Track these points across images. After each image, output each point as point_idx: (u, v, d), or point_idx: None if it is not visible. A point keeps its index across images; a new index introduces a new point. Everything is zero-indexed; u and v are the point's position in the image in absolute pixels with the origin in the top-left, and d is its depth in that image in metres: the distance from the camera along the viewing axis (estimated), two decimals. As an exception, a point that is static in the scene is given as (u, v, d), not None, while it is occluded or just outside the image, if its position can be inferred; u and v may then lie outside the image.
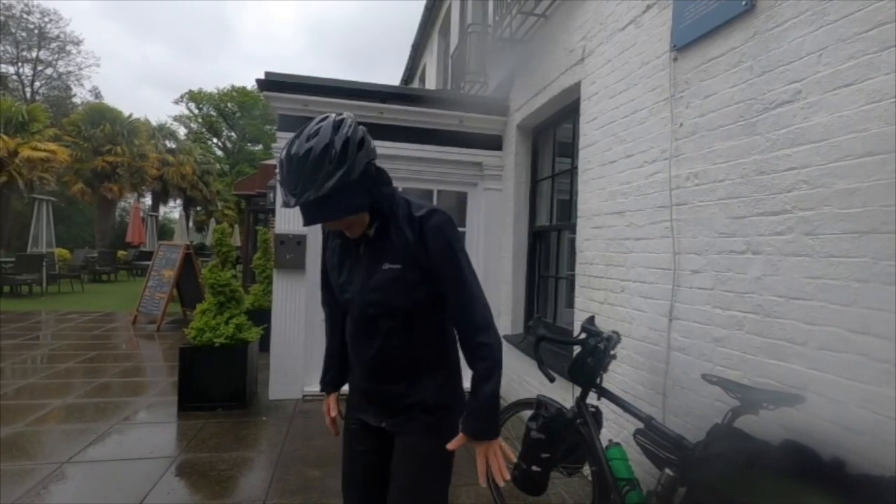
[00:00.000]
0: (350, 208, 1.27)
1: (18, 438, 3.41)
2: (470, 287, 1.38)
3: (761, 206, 1.92)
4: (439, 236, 1.35)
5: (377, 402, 1.47)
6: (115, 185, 19.12)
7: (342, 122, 1.26)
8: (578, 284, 3.33)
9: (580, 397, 2.17)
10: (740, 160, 2.03)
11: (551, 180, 4.37)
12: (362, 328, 1.43)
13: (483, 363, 1.35)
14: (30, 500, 2.62)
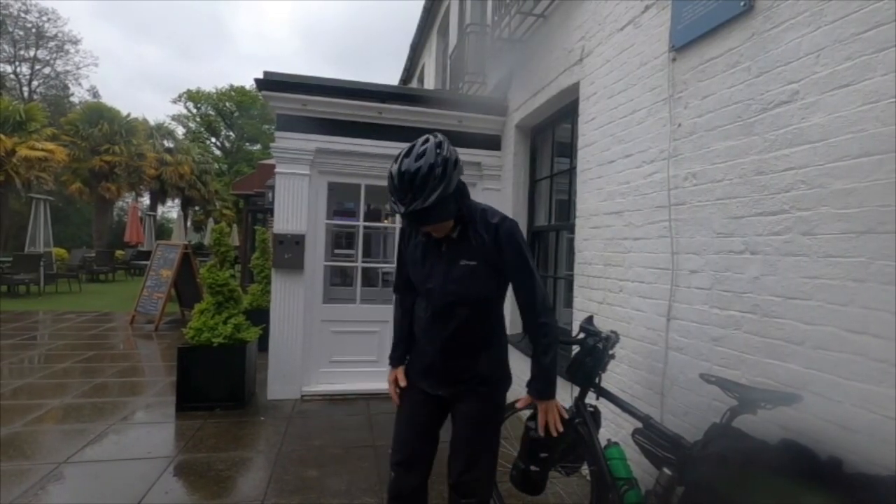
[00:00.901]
0: (444, 215, 1.58)
1: (16, 439, 3.40)
2: (535, 279, 1.71)
3: (759, 207, 1.92)
4: (511, 239, 1.67)
5: (441, 375, 1.79)
6: (113, 184, 19.06)
7: (441, 143, 1.55)
8: (577, 284, 3.33)
9: (579, 397, 2.17)
10: (738, 160, 2.03)
11: (550, 180, 4.37)
12: (440, 314, 1.74)
13: (545, 339, 1.70)
14: (28, 500, 2.61)
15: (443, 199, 1.51)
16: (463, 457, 1.76)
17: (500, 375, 1.81)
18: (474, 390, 1.76)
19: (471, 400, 1.77)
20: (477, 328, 1.75)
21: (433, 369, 1.80)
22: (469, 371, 1.76)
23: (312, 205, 4.53)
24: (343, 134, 4.54)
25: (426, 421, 1.85)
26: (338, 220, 5.87)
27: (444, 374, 1.79)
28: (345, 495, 2.78)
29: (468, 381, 1.77)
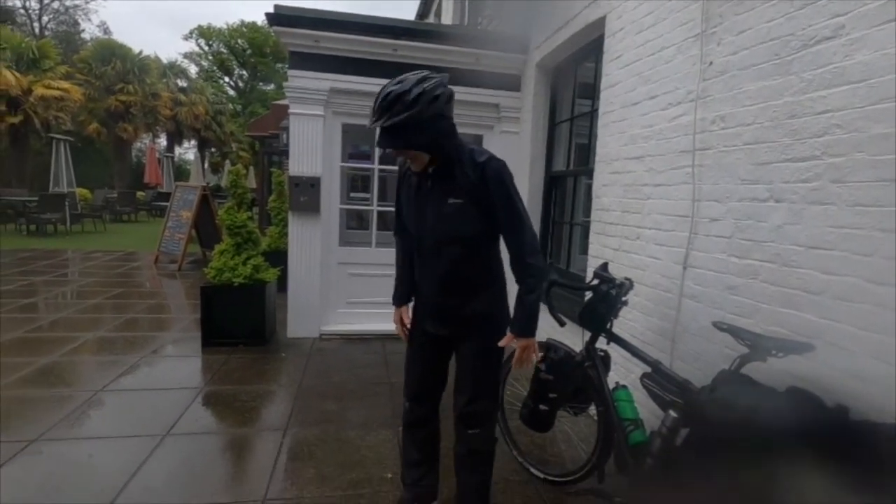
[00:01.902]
0: (408, 143, 1.63)
1: (55, 367, 3.63)
2: (523, 219, 1.73)
3: (789, 152, 1.84)
4: (497, 178, 1.68)
5: (440, 315, 1.86)
6: (130, 125, 19.07)
7: (427, 77, 1.61)
8: (593, 231, 3.30)
9: (589, 342, 2.21)
10: (771, 102, 1.92)
11: (570, 123, 4.22)
12: (432, 253, 1.80)
13: (530, 279, 1.73)
14: (71, 421, 2.82)
15: (409, 125, 1.57)
16: (467, 390, 1.86)
17: (499, 313, 1.85)
18: (476, 328, 1.83)
19: (473, 337, 1.84)
20: (470, 267, 1.79)
21: (433, 309, 1.88)
22: (467, 309, 1.81)
23: (327, 147, 4.48)
24: (357, 72, 4.40)
25: (432, 360, 1.96)
26: (353, 163, 5.81)
27: (444, 314, 1.86)
28: (362, 427, 2.94)
29: (468, 320, 1.82)
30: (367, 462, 2.55)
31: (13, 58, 14.47)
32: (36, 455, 2.48)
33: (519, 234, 1.72)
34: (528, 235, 1.72)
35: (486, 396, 1.88)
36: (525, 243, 1.72)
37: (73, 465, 2.42)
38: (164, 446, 2.62)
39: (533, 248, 1.73)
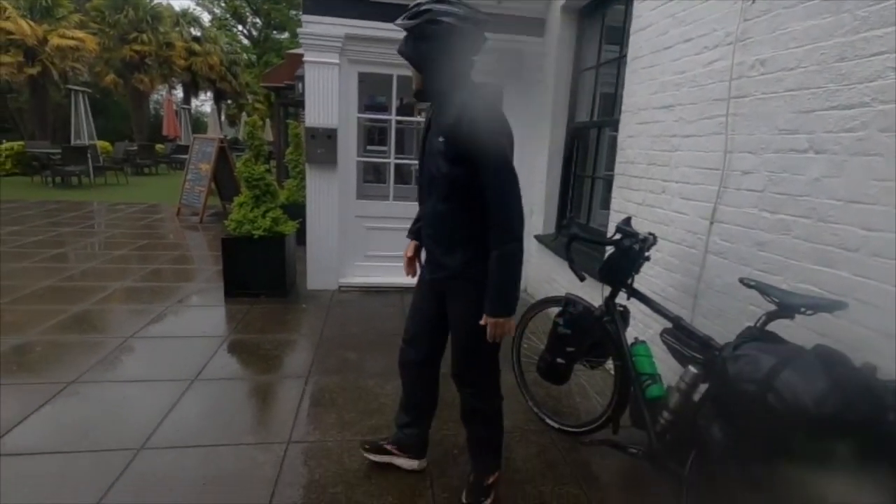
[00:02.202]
0: (402, 49, 1.70)
1: (88, 315, 3.78)
2: (500, 182, 1.58)
3: (835, 99, 1.71)
4: (472, 126, 1.56)
5: (429, 258, 1.86)
6: (146, 76, 18.91)
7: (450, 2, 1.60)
8: (616, 185, 3.20)
9: (609, 297, 2.18)
10: (819, 44, 1.77)
11: (595, 71, 4.01)
12: (423, 189, 1.82)
13: (499, 251, 1.60)
14: (105, 365, 2.96)
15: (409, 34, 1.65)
16: (457, 353, 1.86)
17: (475, 278, 1.68)
18: (458, 290, 1.76)
19: (456, 299, 1.79)
20: (450, 215, 1.70)
21: (426, 250, 1.90)
22: (446, 261, 1.74)
23: (343, 97, 4.37)
24: (373, 17, 4.21)
25: (429, 306, 1.92)
26: (370, 115, 5.69)
27: (430, 259, 1.85)
28: (380, 376, 3.01)
29: (448, 276, 1.76)
30: (385, 409, 2.63)
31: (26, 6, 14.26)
32: (73, 396, 2.62)
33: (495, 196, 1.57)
34: (504, 203, 1.58)
35: (478, 359, 1.82)
36: (501, 213, 1.58)
37: (108, 405, 2.55)
38: (193, 390, 2.74)
39: (506, 217, 1.58)
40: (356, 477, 2.09)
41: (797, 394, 1.26)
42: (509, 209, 1.59)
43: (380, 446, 2.16)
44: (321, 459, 2.20)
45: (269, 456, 2.20)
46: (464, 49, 1.65)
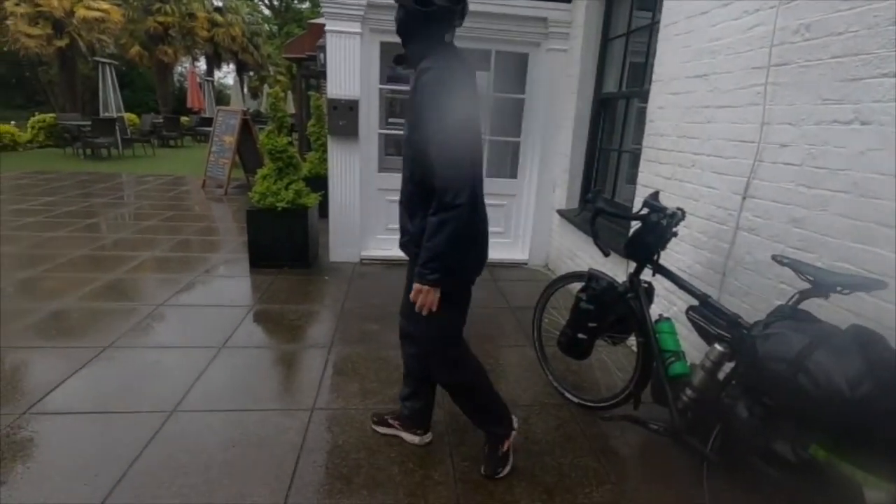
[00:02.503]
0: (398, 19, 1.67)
1: (119, 284, 3.91)
2: (442, 144, 1.51)
3: (886, 65, 1.60)
4: (423, 87, 1.54)
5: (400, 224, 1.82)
6: (170, 47, 18.98)
7: None
8: (644, 158, 3.11)
9: (634, 273, 2.15)
10: (872, 4, 1.66)
11: (625, 39, 3.85)
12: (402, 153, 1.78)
13: (435, 217, 1.54)
14: (138, 332, 3.07)
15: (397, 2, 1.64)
16: (406, 311, 1.91)
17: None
18: (413, 255, 1.73)
19: (413, 266, 1.74)
20: (412, 181, 1.67)
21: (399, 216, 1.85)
22: (408, 225, 1.74)
23: (365, 68, 4.31)
24: (395, -16, 4.10)
25: (410, 276, 1.83)
26: (392, 86, 5.60)
27: (400, 223, 1.82)
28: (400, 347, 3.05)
29: (408, 237, 1.75)
30: (407, 380, 2.67)
31: (52, -23, 14.34)
32: (109, 360, 2.74)
33: (436, 160, 1.51)
34: (446, 166, 1.50)
35: (424, 321, 1.70)
36: (440, 174, 1.50)
37: (142, 369, 2.66)
38: (221, 357, 2.83)
39: (446, 181, 1.49)
40: (378, 444, 2.15)
41: (830, 375, 1.22)
42: (448, 176, 1.50)
43: (384, 420, 2.22)
44: (344, 426, 2.26)
45: (294, 422, 2.27)
46: (436, 19, 1.60)
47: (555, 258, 4.75)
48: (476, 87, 1.70)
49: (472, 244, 1.68)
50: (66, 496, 1.77)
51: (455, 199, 1.49)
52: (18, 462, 1.93)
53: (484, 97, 1.55)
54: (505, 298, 4.06)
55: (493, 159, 5.36)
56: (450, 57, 1.61)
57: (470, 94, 1.61)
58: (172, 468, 1.93)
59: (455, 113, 1.51)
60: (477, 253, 1.76)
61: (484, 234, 1.78)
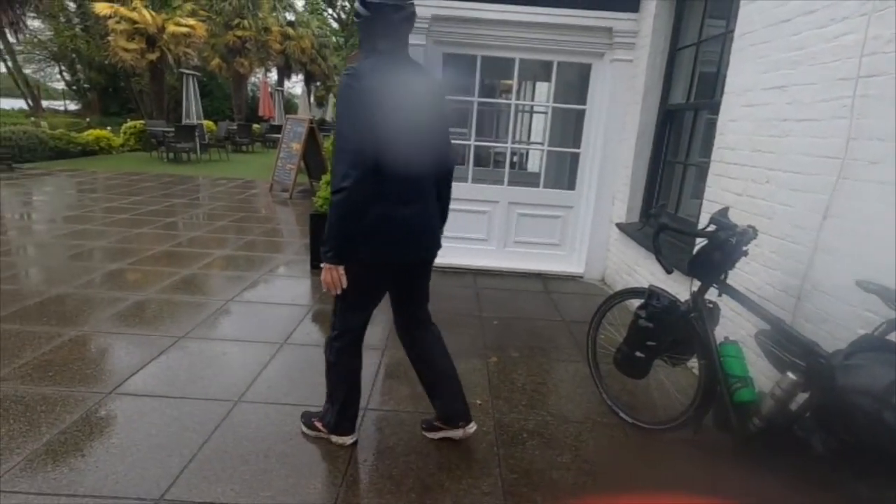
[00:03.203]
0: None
1: (194, 279, 4.21)
2: (338, 140, 1.70)
3: None
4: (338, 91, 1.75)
5: None
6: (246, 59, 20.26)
7: None
8: (712, 172, 2.98)
9: (698, 292, 2.06)
10: (982, 12, 1.51)
11: (695, 49, 3.72)
12: None
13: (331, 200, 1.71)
14: (208, 324, 3.29)
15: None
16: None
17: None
18: None
19: None
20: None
21: None
22: None
23: (427, 79, 4.41)
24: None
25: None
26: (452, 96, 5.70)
27: None
28: (453, 354, 3.02)
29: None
30: (457, 387, 2.69)
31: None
32: (182, 349, 2.95)
33: (333, 150, 1.74)
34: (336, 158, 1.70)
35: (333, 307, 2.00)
36: (334, 164, 1.73)
37: (211, 359, 2.85)
38: (282, 352, 2.97)
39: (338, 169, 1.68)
40: (428, 448, 2.18)
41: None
42: (335, 165, 1.71)
43: (431, 424, 2.25)
44: (395, 428, 2.31)
45: (348, 420, 2.34)
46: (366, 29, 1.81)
47: (612, 273, 4.62)
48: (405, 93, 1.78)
49: (371, 231, 1.80)
50: (141, 472, 1.92)
51: (338, 184, 1.67)
52: (104, 437, 2.12)
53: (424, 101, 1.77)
54: (558, 311, 4.00)
55: (551, 170, 5.31)
56: (377, 64, 1.74)
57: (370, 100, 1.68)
58: (235, 455, 2.05)
59: (348, 114, 1.68)
60: (379, 243, 1.83)
61: (393, 227, 1.84)
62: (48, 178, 9.32)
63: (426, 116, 1.87)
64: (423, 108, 1.86)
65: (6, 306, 3.40)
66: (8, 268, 4.24)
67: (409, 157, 1.79)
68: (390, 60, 1.78)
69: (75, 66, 24.62)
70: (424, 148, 1.87)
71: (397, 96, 1.74)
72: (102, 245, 5.04)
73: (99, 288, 3.85)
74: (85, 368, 2.67)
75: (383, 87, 1.71)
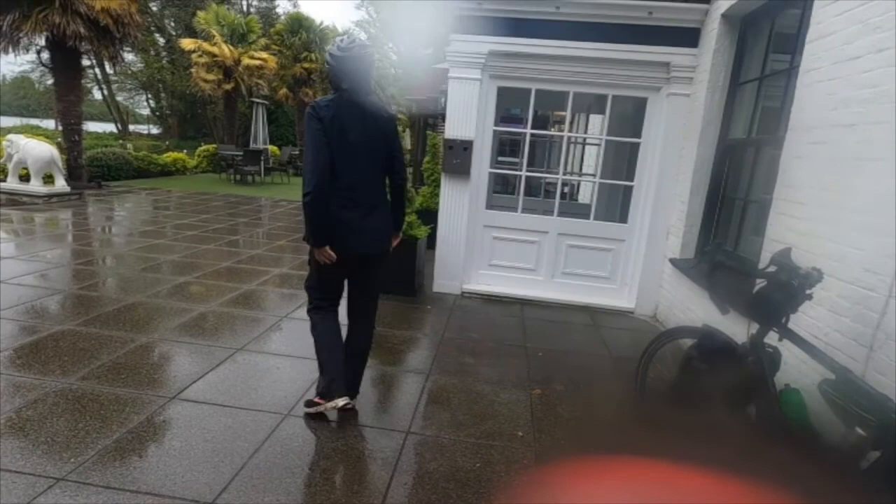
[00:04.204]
0: None
1: (252, 294, 4.44)
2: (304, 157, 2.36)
3: None
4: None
5: None
6: (311, 89, 21.48)
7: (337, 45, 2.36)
8: (775, 210, 2.86)
9: (757, 334, 1.97)
10: None
11: (757, 83, 3.63)
12: None
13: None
14: (263, 339, 3.46)
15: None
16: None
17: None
18: None
19: None
20: None
21: None
22: None
23: (482, 111, 4.55)
24: (516, 34, 4.32)
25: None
26: (505, 127, 5.81)
27: None
28: (496, 384, 3.07)
29: None
30: (499, 417, 2.68)
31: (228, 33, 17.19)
32: (239, 361, 3.11)
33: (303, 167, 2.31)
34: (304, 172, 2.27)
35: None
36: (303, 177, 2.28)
37: (264, 372, 2.99)
38: (329, 371, 3.07)
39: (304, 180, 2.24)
40: (468, 477, 2.17)
41: None
42: (303, 173, 2.29)
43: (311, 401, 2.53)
44: (436, 454, 2.32)
45: (390, 441, 2.38)
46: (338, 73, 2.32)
47: (665, 309, 4.46)
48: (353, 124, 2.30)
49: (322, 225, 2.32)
50: (196, 475, 2.03)
51: (304, 191, 2.23)
52: (165, 439, 2.27)
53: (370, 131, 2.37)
54: (606, 346, 3.90)
55: (602, 202, 5.27)
56: (334, 101, 2.30)
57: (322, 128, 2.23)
58: (283, 466, 2.13)
59: (308, 139, 2.27)
60: (327, 234, 2.35)
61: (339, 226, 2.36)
62: (130, 195, 10.18)
63: (370, 143, 2.35)
64: (368, 136, 2.34)
65: (89, 311, 3.72)
66: (91, 276, 4.65)
67: (352, 172, 2.33)
68: (349, 98, 2.31)
69: (160, 94, 27.02)
70: (367, 166, 2.38)
71: (346, 126, 2.27)
72: (172, 259, 5.43)
73: (168, 298, 4.15)
74: (152, 373, 2.87)
75: (334, 119, 2.25)
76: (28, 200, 8.27)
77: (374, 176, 2.43)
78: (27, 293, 4.02)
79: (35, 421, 2.31)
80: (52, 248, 5.64)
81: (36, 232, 6.51)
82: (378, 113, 2.40)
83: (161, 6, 24.20)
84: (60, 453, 2.10)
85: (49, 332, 3.29)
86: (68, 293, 4.12)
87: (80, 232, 6.72)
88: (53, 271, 4.70)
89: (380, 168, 2.45)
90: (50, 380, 2.68)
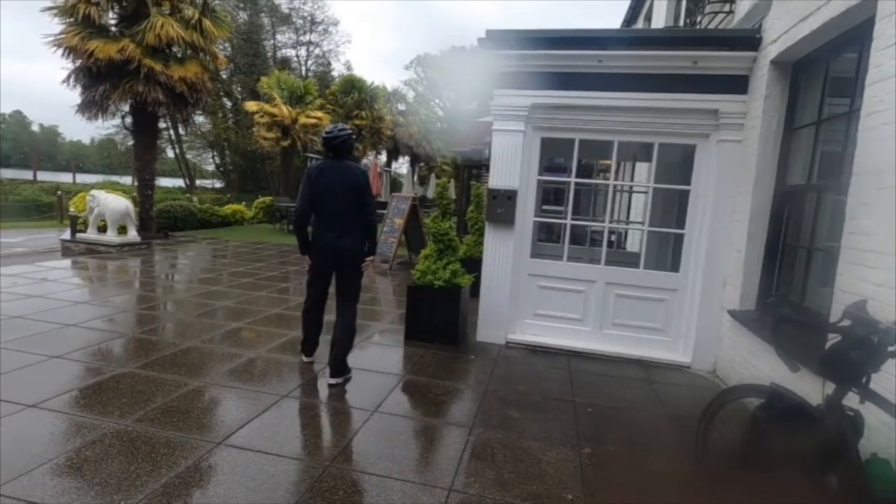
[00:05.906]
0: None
1: (299, 341, 4.52)
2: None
3: None
4: None
5: None
6: (360, 144, 22.65)
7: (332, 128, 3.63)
8: (844, 259, 2.67)
9: (834, 395, 1.79)
10: None
11: (814, 128, 3.50)
12: None
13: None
14: (307, 386, 3.49)
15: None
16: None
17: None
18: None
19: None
20: None
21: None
22: None
23: (525, 161, 4.61)
24: (559, 87, 4.43)
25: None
26: (548, 176, 5.84)
27: None
28: (543, 440, 2.92)
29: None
30: (546, 477, 2.53)
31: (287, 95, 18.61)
32: (284, 408, 3.13)
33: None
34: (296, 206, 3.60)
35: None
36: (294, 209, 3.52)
37: (307, 420, 3.00)
38: (373, 420, 3.04)
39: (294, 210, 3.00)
40: (512, 542, 2.03)
41: None
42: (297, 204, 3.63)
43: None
44: (479, 515, 2.20)
45: (432, 499, 2.29)
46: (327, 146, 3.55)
47: (725, 364, 4.17)
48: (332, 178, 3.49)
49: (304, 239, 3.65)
50: (238, 526, 2.02)
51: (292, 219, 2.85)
52: (210, 486, 2.28)
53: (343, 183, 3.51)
54: (662, 403, 3.66)
55: (652, 251, 5.11)
56: (321, 164, 3.59)
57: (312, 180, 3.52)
58: (322, 521, 2.08)
59: (301, 187, 3.58)
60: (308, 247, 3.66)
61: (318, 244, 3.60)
62: (192, 244, 10.85)
63: (344, 188, 3.46)
64: (343, 184, 3.46)
65: (148, 355, 3.91)
66: (152, 321, 4.91)
67: (331, 207, 3.50)
68: (334, 163, 3.53)
69: (224, 151, 29.22)
70: (341, 203, 3.49)
71: (328, 178, 3.48)
72: (227, 305, 5.66)
73: (220, 344, 4.29)
74: (202, 417, 2.94)
75: (321, 173, 3.51)
76: (104, 249, 8.98)
77: (346, 210, 3.49)
78: (95, 336, 4.28)
79: (92, 461, 2.39)
80: (120, 293, 6.04)
81: (107, 279, 7.01)
82: (352, 170, 3.54)
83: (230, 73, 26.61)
84: (112, 495, 2.14)
85: (111, 374, 3.46)
86: (131, 337, 4.35)
87: (146, 279, 7.18)
88: (119, 316, 5.01)
89: (352, 206, 3.49)
90: (109, 421, 2.80)
